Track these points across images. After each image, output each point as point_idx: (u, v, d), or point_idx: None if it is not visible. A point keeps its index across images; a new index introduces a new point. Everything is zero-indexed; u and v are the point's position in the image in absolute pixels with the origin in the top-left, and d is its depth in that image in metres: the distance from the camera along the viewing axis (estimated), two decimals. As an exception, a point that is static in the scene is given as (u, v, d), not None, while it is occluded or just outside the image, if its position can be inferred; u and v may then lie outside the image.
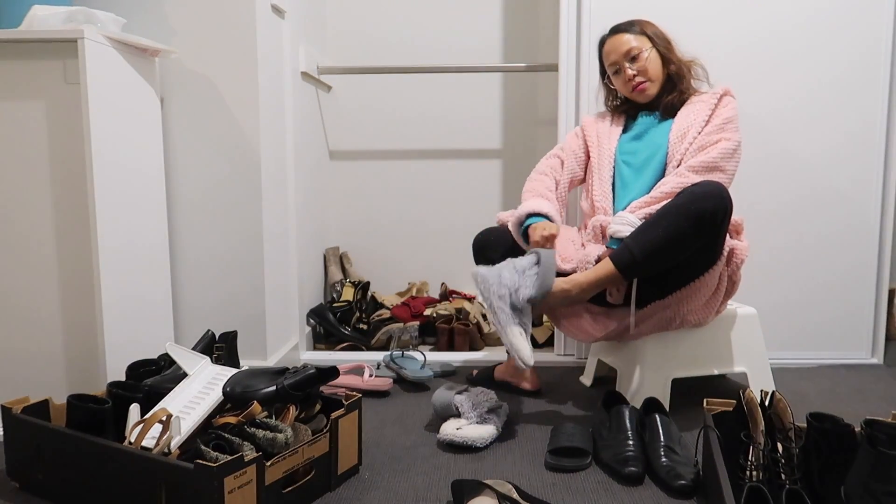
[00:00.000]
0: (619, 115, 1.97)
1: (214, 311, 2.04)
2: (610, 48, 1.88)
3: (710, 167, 1.69)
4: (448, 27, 2.89)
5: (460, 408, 1.63)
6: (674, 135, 1.79)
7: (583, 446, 1.51)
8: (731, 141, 1.72)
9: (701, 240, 1.58)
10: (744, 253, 1.72)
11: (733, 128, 1.76)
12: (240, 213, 2.00)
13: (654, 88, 1.85)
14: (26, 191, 1.65)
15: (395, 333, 2.56)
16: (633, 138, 1.89)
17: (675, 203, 1.59)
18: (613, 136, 1.92)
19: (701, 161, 1.69)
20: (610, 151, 1.90)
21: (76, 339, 1.68)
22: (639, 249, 1.58)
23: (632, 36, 1.85)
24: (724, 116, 1.77)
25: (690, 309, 1.70)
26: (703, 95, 1.84)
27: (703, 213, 1.55)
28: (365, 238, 3.01)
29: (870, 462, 1.09)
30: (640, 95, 1.87)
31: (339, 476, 1.40)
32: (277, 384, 1.35)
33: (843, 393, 1.99)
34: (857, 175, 2.22)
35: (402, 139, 2.96)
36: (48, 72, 1.61)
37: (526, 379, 1.98)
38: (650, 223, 1.60)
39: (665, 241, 1.57)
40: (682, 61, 1.88)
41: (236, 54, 1.94)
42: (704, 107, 1.79)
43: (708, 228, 1.57)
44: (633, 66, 1.84)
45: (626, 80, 1.85)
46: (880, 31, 2.17)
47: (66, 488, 1.30)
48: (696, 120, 1.78)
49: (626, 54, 1.84)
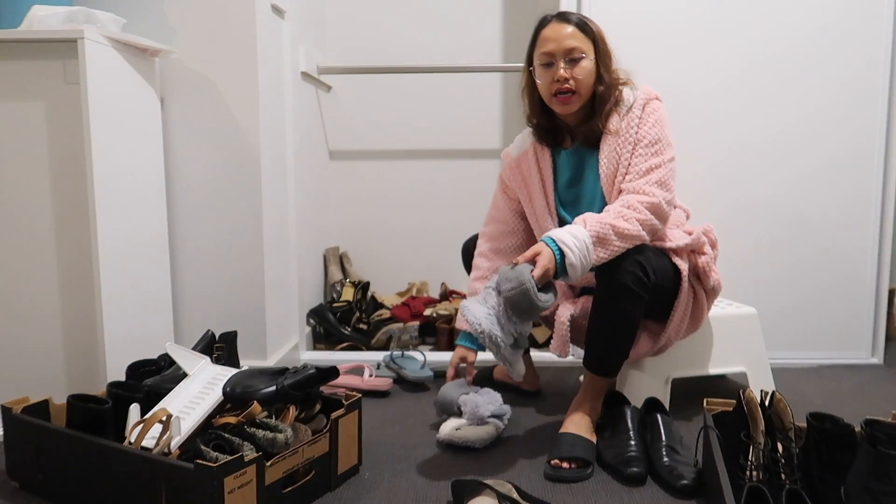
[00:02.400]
0: (543, 151, 1.76)
1: (214, 310, 2.03)
2: (551, 35, 1.61)
3: (658, 183, 1.57)
4: (448, 27, 2.89)
5: (463, 408, 1.62)
6: (604, 176, 1.64)
7: (584, 456, 1.47)
8: (662, 168, 1.58)
9: (642, 299, 1.52)
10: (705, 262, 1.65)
11: (664, 146, 1.60)
12: (240, 212, 2.00)
13: (577, 105, 1.63)
14: (26, 191, 1.65)
15: (395, 333, 2.56)
16: (568, 185, 1.74)
17: (602, 305, 1.54)
18: (548, 188, 1.74)
19: (644, 182, 1.57)
20: (548, 210, 1.75)
21: (76, 339, 1.68)
22: (599, 349, 1.58)
23: (581, 34, 1.61)
24: (651, 136, 1.60)
25: (678, 330, 1.69)
26: (622, 117, 1.63)
27: (628, 292, 1.49)
28: (365, 238, 3.01)
29: (870, 462, 1.08)
30: (560, 106, 1.63)
31: (339, 476, 1.40)
32: (277, 384, 1.35)
33: (843, 393, 1.99)
34: (858, 175, 2.22)
35: (402, 139, 2.96)
36: (48, 72, 1.61)
37: (526, 379, 1.97)
38: (596, 320, 1.56)
39: (616, 329, 1.55)
40: (615, 83, 1.65)
41: (236, 54, 1.94)
42: (628, 139, 1.61)
43: (639, 294, 1.50)
44: (569, 68, 1.59)
45: (554, 80, 1.60)
46: (878, 48, 2.18)
47: (66, 488, 1.30)
48: (623, 155, 1.61)
49: (567, 52, 1.59)
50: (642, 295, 1.51)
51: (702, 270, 1.65)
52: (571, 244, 1.44)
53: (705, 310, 1.73)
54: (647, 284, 1.51)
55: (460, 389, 1.69)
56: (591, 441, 1.54)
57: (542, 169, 1.76)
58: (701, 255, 1.66)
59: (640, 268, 1.50)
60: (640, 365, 1.77)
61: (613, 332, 1.55)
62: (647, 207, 1.52)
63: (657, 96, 1.67)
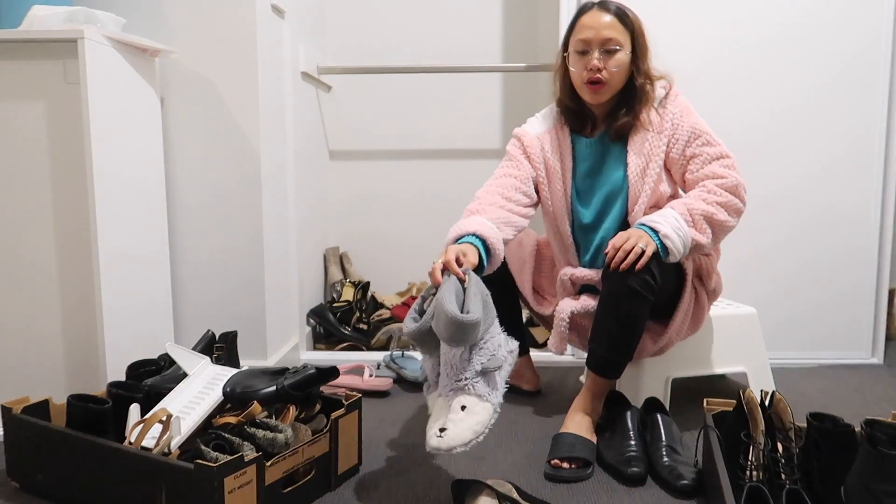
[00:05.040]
0: (563, 131, 1.74)
1: (214, 311, 2.03)
2: (590, 23, 1.61)
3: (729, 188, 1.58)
4: (448, 27, 2.89)
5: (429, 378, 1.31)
6: (633, 171, 1.64)
7: (584, 456, 1.46)
8: (725, 156, 1.61)
9: (648, 302, 1.52)
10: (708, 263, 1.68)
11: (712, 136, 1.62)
12: (240, 212, 2.00)
13: (607, 95, 1.64)
14: (26, 191, 1.65)
15: (395, 333, 2.56)
16: (587, 175, 1.72)
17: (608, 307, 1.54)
18: (567, 175, 1.73)
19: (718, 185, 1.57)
20: (565, 198, 1.73)
21: (76, 339, 1.67)
22: (603, 348, 1.56)
23: (620, 25, 1.61)
24: (698, 128, 1.62)
25: (678, 332, 1.70)
26: (657, 113, 1.65)
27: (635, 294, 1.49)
28: (365, 238, 3.01)
29: (870, 462, 1.09)
30: (590, 95, 1.64)
31: (339, 476, 1.40)
32: (277, 384, 1.35)
33: (843, 393, 1.99)
34: (858, 175, 2.22)
35: (402, 139, 2.96)
36: (48, 72, 1.61)
37: (526, 379, 1.97)
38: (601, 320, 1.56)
39: (622, 331, 1.54)
40: (652, 78, 1.66)
41: (236, 54, 1.94)
42: (661, 134, 1.63)
43: (646, 297, 1.50)
44: (604, 59, 1.60)
45: (588, 68, 1.60)
46: (879, 31, 2.17)
47: (66, 488, 1.30)
48: (655, 151, 1.62)
49: (604, 42, 1.59)
50: (649, 298, 1.50)
51: (705, 272, 1.65)
52: (662, 221, 1.49)
53: (706, 311, 1.73)
54: (655, 287, 1.50)
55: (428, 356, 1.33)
56: (591, 441, 1.54)
57: (563, 153, 1.74)
58: (704, 257, 1.66)
59: (648, 271, 1.48)
60: (640, 365, 1.77)
61: (619, 333, 1.54)
62: (725, 189, 1.55)
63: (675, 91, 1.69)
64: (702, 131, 1.62)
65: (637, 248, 1.46)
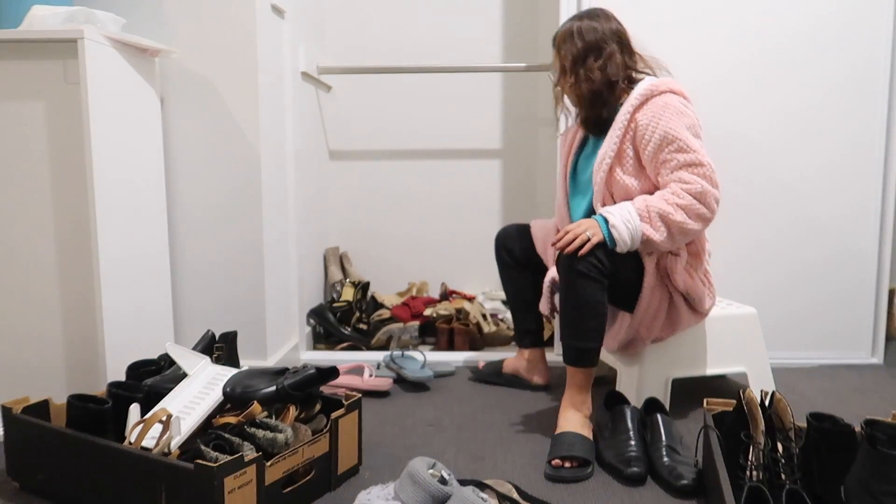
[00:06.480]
0: (576, 133, 1.88)
1: (214, 310, 2.04)
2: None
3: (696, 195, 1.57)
4: (448, 27, 2.89)
5: None
6: (596, 161, 1.71)
7: (584, 455, 1.47)
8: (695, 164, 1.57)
9: (601, 284, 1.56)
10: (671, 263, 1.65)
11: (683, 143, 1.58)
12: (240, 211, 2.00)
13: (581, 106, 1.77)
14: (26, 191, 1.65)
15: (395, 333, 2.56)
16: (584, 158, 1.85)
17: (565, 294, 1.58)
18: (566, 172, 1.88)
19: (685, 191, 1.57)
20: (565, 169, 1.89)
21: (76, 340, 1.68)
22: (568, 336, 1.59)
23: (554, 52, 1.77)
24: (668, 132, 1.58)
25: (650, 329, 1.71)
26: (619, 111, 1.67)
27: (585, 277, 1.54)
28: (365, 238, 3.01)
29: (870, 462, 1.09)
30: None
31: (339, 476, 1.40)
32: (277, 384, 1.35)
33: (843, 393, 1.99)
34: (859, 176, 2.22)
35: (402, 139, 2.96)
36: (48, 72, 1.61)
37: (538, 371, 2.01)
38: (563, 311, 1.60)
39: (582, 316, 1.57)
40: (602, 78, 1.68)
41: (236, 54, 1.94)
42: (617, 127, 1.66)
43: (597, 279, 1.55)
44: (561, 83, 1.77)
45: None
46: (879, 41, 2.17)
47: (66, 488, 1.30)
48: (608, 147, 1.66)
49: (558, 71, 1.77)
50: (601, 280, 1.56)
51: (669, 270, 1.64)
52: (615, 212, 1.56)
53: (683, 315, 1.70)
54: (604, 271, 1.55)
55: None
56: (589, 439, 1.54)
57: (570, 150, 1.88)
58: (670, 255, 1.65)
59: (594, 255, 1.55)
60: (641, 365, 1.77)
61: (579, 317, 1.57)
62: (690, 193, 1.56)
63: (672, 89, 1.65)
64: (675, 137, 1.58)
65: (584, 235, 1.55)
